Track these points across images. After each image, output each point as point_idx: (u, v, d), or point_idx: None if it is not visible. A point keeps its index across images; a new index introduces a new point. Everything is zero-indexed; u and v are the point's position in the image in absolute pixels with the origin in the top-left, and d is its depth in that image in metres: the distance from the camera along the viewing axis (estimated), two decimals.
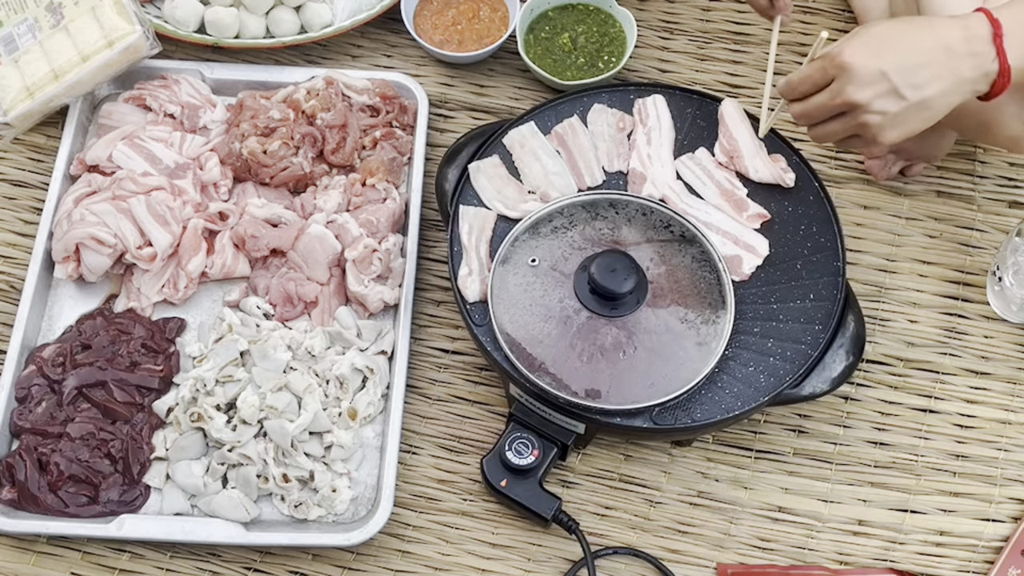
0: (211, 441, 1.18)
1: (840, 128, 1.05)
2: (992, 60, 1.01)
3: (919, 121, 1.03)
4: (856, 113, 1.02)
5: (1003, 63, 1.01)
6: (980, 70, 1.01)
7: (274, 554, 1.18)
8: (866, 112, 1.02)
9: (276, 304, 1.27)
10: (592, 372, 1.11)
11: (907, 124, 1.03)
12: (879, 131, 1.03)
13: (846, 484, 1.23)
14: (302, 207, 1.32)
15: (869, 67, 1.00)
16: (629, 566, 1.18)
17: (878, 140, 1.04)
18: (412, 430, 1.24)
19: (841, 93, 1.02)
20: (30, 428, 1.18)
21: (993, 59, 1.01)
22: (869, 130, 1.03)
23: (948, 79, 1.01)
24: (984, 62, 1.01)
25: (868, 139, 1.05)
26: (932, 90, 1.01)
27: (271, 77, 1.41)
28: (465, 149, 1.26)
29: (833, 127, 1.06)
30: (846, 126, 1.04)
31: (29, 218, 1.36)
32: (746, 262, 1.19)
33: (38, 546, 1.18)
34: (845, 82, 1.01)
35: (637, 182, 1.24)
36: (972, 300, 1.33)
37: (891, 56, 1.00)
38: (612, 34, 1.45)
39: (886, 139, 1.04)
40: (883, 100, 1.01)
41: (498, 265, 1.16)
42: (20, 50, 1.35)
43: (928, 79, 1.01)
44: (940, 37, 1.01)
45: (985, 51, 1.01)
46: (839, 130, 1.05)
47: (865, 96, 1.01)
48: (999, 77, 1.02)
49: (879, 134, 1.03)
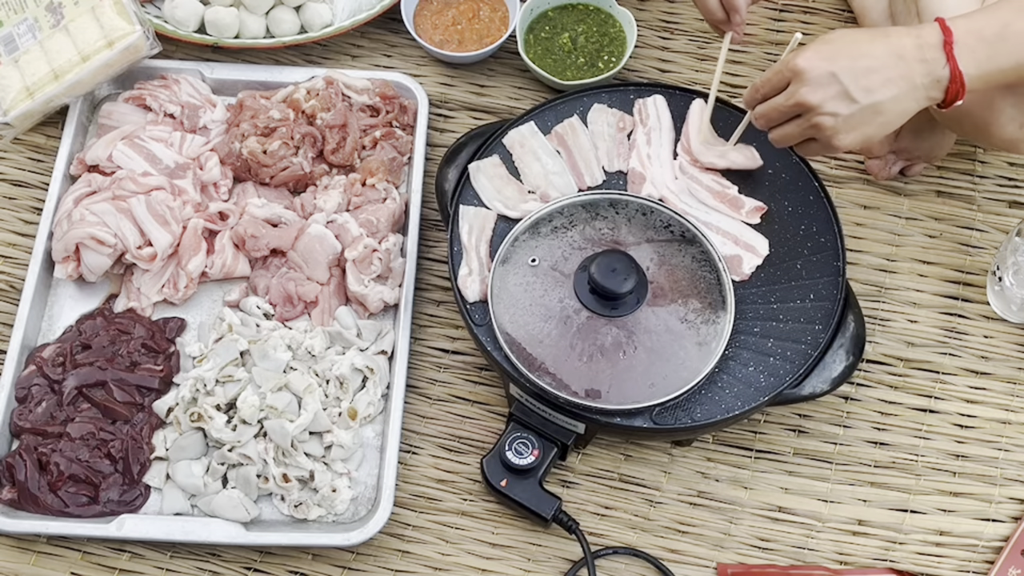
0: (211, 441, 1.18)
1: (796, 130, 1.08)
2: (943, 67, 1.03)
3: (874, 126, 1.06)
4: (809, 115, 1.05)
5: (954, 69, 1.03)
6: (931, 76, 1.03)
7: (274, 554, 1.18)
8: (818, 114, 1.04)
9: (276, 304, 1.27)
10: (592, 372, 1.11)
11: (861, 128, 1.05)
12: (833, 133, 1.05)
13: (846, 484, 1.23)
14: (302, 207, 1.32)
15: (821, 70, 1.03)
16: (629, 566, 1.18)
17: (833, 143, 1.06)
18: (412, 430, 1.24)
19: (795, 95, 1.05)
20: (30, 428, 1.18)
21: (943, 65, 1.03)
22: (823, 132, 1.05)
23: (900, 84, 1.04)
24: (935, 68, 1.03)
25: (824, 142, 1.07)
26: (883, 94, 1.03)
27: (271, 77, 1.41)
28: (465, 149, 1.26)
29: (789, 129, 1.08)
30: (801, 128, 1.07)
31: (29, 218, 1.36)
32: (746, 262, 1.19)
33: (38, 546, 1.18)
34: (799, 84, 1.04)
35: (637, 182, 1.24)
36: (972, 300, 1.33)
37: (843, 60, 1.03)
38: (612, 34, 1.45)
39: (841, 142, 1.06)
40: (834, 102, 1.03)
41: (498, 265, 1.16)
42: (20, 50, 1.35)
43: (879, 83, 1.03)
44: (893, 44, 1.04)
45: (935, 57, 1.03)
46: (795, 132, 1.08)
47: (816, 98, 1.03)
48: (951, 83, 1.04)
49: (833, 136, 1.05)
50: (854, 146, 1.07)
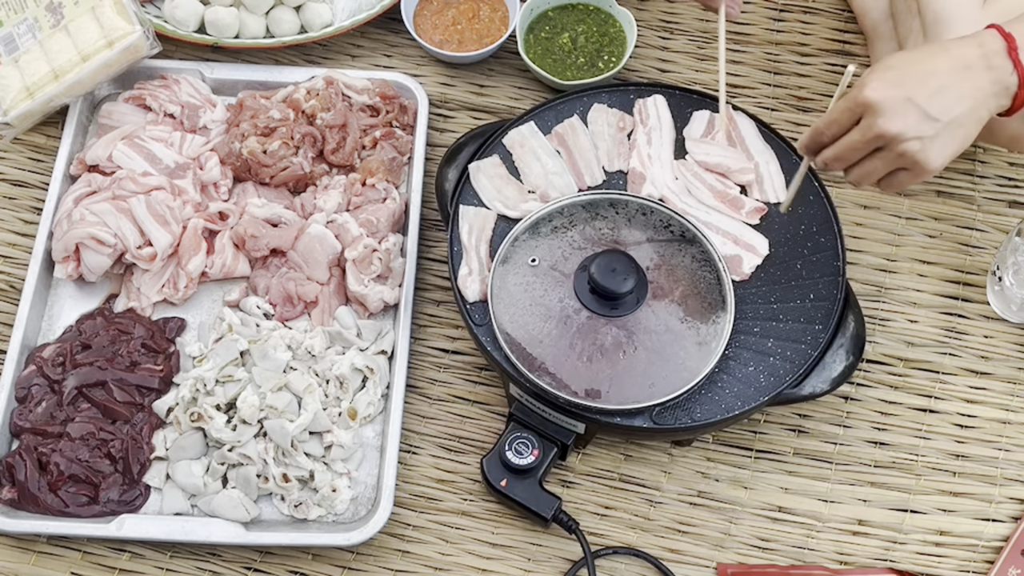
0: (211, 441, 1.18)
1: (881, 164, 1.03)
2: (1010, 73, 1.01)
3: (958, 141, 1.02)
4: (893, 145, 1.01)
5: (1022, 75, 1.01)
6: (1000, 84, 1.02)
7: (274, 554, 1.18)
8: (903, 141, 1.00)
9: (276, 304, 1.27)
10: (592, 372, 1.11)
11: (949, 146, 1.02)
12: (923, 157, 1.01)
13: (846, 484, 1.23)
14: (302, 207, 1.32)
15: (894, 97, 1.00)
16: (629, 566, 1.18)
17: (926, 167, 1.02)
18: (412, 430, 1.24)
19: (872, 128, 1.01)
20: (30, 428, 1.18)
21: (1011, 72, 1.01)
22: (911, 158, 1.01)
23: (974, 95, 1.01)
24: (1003, 75, 1.01)
25: (915, 169, 1.03)
26: (960, 109, 1.01)
27: (271, 77, 1.41)
28: (465, 149, 1.26)
29: (873, 164, 1.04)
30: (886, 160, 1.03)
31: (29, 218, 1.36)
32: (746, 261, 1.19)
33: (38, 546, 1.18)
34: (875, 117, 1.00)
35: (637, 182, 1.24)
36: (972, 300, 1.33)
37: (913, 83, 1.00)
38: (612, 34, 1.45)
39: (933, 164, 1.02)
40: (917, 127, 1.00)
41: (498, 265, 1.16)
42: (20, 50, 1.35)
43: (954, 99, 1.01)
44: (956, 57, 1.02)
45: (1002, 64, 1.01)
46: (880, 167, 1.04)
47: (898, 126, 1.00)
48: (1020, 89, 1.02)
49: (924, 160, 1.01)
50: (943, 166, 1.03)
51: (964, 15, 1.17)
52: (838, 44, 1.50)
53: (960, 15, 1.17)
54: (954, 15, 1.17)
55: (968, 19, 1.16)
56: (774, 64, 1.49)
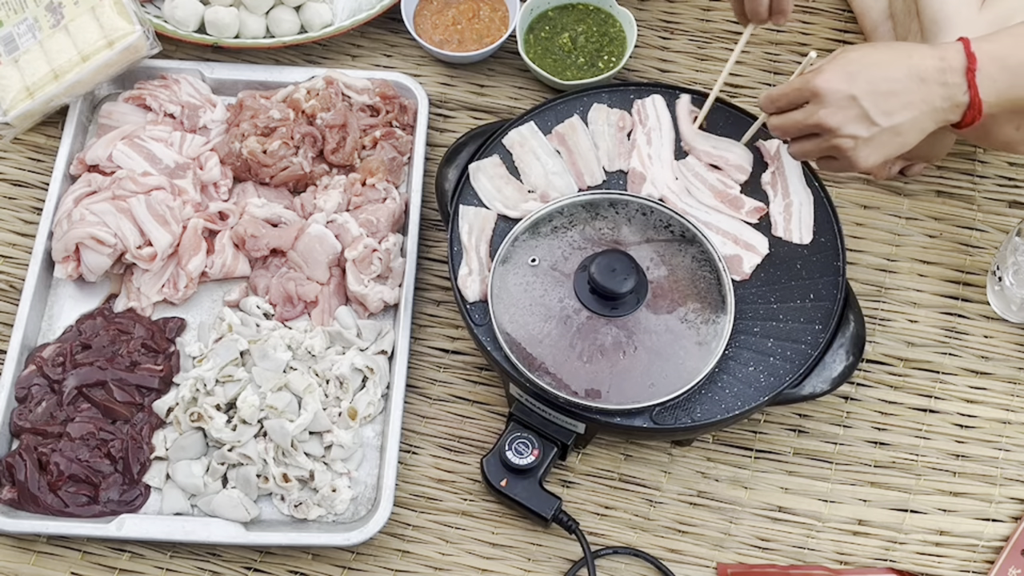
0: (211, 441, 1.18)
1: (815, 148, 1.07)
2: (963, 93, 1.03)
3: (893, 146, 1.05)
4: (828, 136, 1.04)
5: (974, 96, 1.03)
6: (951, 100, 1.03)
7: (274, 554, 1.18)
8: (837, 136, 1.04)
9: (276, 304, 1.27)
10: (592, 372, 1.11)
11: (882, 149, 1.05)
12: (853, 155, 1.05)
13: (846, 484, 1.23)
14: (302, 207, 1.32)
15: (841, 92, 1.02)
16: (629, 566, 1.18)
17: (854, 164, 1.06)
18: (412, 430, 1.24)
19: (814, 115, 1.04)
20: (30, 428, 1.18)
21: (964, 92, 1.03)
22: (843, 153, 1.05)
23: (919, 107, 1.03)
24: (955, 93, 1.03)
25: (844, 162, 1.06)
26: (902, 117, 1.03)
27: (271, 77, 1.41)
28: (465, 149, 1.26)
29: (809, 146, 1.08)
30: (820, 147, 1.06)
31: (29, 218, 1.36)
32: (746, 261, 1.19)
33: (38, 546, 1.18)
34: (818, 105, 1.03)
35: (637, 182, 1.24)
36: (972, 300, 1.33)
37: (863, 82, 1.02)
38: (612, 34, 1.45)
39: (862, 163, 1.05)
40: (854, 125, 1.03)
41: (498, 265, 1.16)
42: (20, 50, 1.35)
43: (899, 106, 1.03)
44: (915, 65, 1.03)
45: (957, 83, 1.03)
46: (814, 150, 1.07)
47: (836, 120, 1.03)
48: (969, 109, 1.04)
49: (854, 158, 1.05)
50: (874, 166, 1.06)
51: (962, 17, 1.17)
52: (838, 44, 1.50)
53: (958, 17, 1.17)
54: (952, 17, 1.17)
55: (966, 21, 1.16)
56: (774, 64, 1.49)
